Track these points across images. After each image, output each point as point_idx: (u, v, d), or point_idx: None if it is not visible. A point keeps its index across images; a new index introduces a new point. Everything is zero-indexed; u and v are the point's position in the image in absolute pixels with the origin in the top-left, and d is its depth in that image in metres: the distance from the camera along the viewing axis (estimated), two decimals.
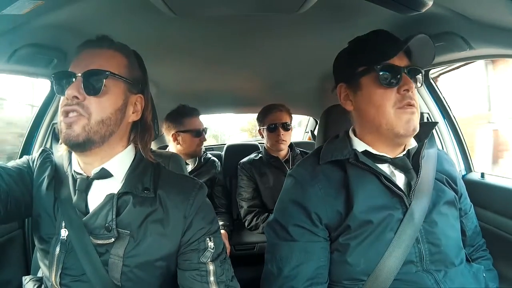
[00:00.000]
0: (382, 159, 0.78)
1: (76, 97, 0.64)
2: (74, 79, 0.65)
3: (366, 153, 0.78)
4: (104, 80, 0.65)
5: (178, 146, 1.67)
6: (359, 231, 0.73)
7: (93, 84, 0.65)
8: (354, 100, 0.80)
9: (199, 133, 1.67)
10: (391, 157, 0.78)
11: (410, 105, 0.73)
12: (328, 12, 0.97)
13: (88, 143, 0.65)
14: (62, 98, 0.67)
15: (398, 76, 0.74)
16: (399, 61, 0.75)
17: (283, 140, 1.72)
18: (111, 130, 0.67)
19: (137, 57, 0.76)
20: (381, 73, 0.74)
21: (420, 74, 0.78)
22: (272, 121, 1.73)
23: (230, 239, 1.53)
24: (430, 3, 0.69)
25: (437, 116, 1.33)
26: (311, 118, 2.77)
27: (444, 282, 0.72)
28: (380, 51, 0.75)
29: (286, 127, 1.73)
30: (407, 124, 0.72)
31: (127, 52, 0.73)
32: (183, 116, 1.67)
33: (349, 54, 0.83)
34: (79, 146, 0.65)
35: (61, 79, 0.68)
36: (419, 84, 0.78)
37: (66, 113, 0.65)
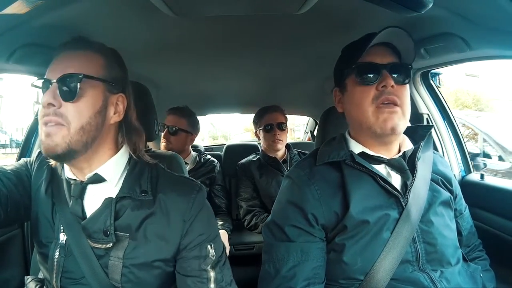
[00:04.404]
0: (379, 160, 0.78)
1: (52, 104, 0.62)
2: (50, 86, 0.63)
3: (362, 154, 0.79)
4: (79, 84, 0.63)
5: None
6: (356, 231, 0.73)
7: (68, 89, 0.63)
8: (343, 102, 0.84)
9: (163, 128, 1.70)
10: (387, 158, 0.78)
11: (389, 102, 0.73)
12: (328, 13, 0.97)
13: (70, 154, 0.63)
14: (40, 108, 0.64)
15: (376, 73, 0.75)
16: (381, 58, 0.76)
17: (279, 140, 1.76)
18: (93, 135, 0.65)
19: (116, 56, 0.73)
20: (357, 71, 0.76)
21: (406, 70, 0.77)
22: (268, 121, 1.76)
23: (229, 239, 1.53)
24: (430, 4, 0.69)
25: (437, 117, 1.33)
26: (311, 119, 2.77)
27: (440, 281, 0.72)
28: (357, 51, 0.77)
29: (282, 127, 1.77)
30: (383, 123, 0.73)
31: (104, 51, 0.70)
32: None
33: (339, 59, 0.87)
34: (60, 157, 0.64)
35: (41, 88, 0.67)
36: (406, 81, 0.77)
37: (45, 124, 0.63)
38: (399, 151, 0.81)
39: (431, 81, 1.32)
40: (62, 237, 0.68)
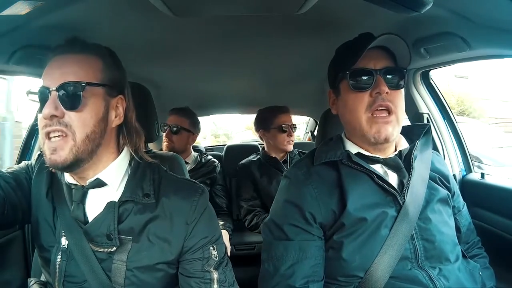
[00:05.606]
0: (375, 160, 0.79)
1: (55, 116, 0.60)
2: (49, 94, 0.61)
3: (359, 154, 0.80)
4: (82, 92, 0.61)
5: None
6: (354, 228, 0.74)
7: (70, 98, 0.61)
8: (336, 105, 0.85)
9: (164, 128, 1.71)
10: (383, 157, 0.79)
11: (383, 108, 0.74)
12: (328, 13, 0.97)
13: (77, 163, 0.62)
14: (39, 116, 0.62)
15: (370, 79, 0.75)
16: (375, 63, 0.76)
17: (293, 141, 1.80)
18: (97, 142, 0.64)
19: (113, 56, 0.71)
20: (350, 78, 0.77)
21: (401, 74, 0.77)
22: (284, 121, 1.77)
23: (230, 239, 1.53)
24: (430, 4, 0.69)
25: (437, 116, 1.33)
26: (311, 119, 2.77)
27: (439, 279, 0.72)
28: (350, 56, 0.77)
29: (294, 129, 1.80)
30: (377, 134, 0.75)
31: (101, 53, 0.68)
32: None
33: (333, 60, 0.87)
34: (67, 168, 0.63)
35: (38, 95, 0.64)
36: (401, 85, 0.77)
37: (48, 135, 0.61)
38: (395, 149, 0.82)
39: (431, 81, 1.32)
40: (64, 241, 0.68)
